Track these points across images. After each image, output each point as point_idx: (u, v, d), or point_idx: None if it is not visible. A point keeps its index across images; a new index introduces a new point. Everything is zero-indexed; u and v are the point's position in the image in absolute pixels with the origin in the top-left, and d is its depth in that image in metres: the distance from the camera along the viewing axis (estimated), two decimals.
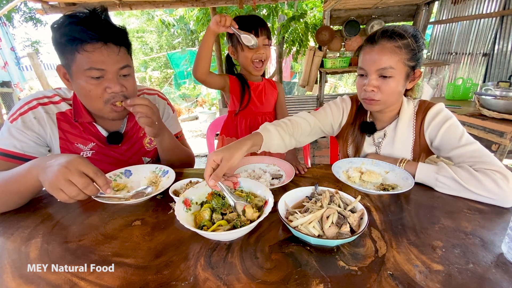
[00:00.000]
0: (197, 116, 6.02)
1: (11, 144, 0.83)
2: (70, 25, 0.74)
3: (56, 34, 0.76)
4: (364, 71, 0.89)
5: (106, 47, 0.77)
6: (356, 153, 1.07)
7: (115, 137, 0.96)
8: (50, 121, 0.89)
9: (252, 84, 1.35)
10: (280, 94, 1.45)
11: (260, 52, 1.22)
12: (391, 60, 0.83)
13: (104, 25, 0.77)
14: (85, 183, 0.61)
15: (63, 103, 0.92)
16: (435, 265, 0.52)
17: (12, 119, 0.85)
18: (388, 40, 0.83)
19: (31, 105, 0.87)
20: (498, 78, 2.78)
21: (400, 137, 0.97)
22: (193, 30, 7.29)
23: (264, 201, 0.69)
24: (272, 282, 0.50)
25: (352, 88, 7.69)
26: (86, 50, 0.75)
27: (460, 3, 3.12)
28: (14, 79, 4.43)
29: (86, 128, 0.94)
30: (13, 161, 0.83)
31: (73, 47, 0.75)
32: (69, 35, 0.74)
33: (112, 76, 0.80)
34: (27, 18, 10.49)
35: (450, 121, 0.88)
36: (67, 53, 0.77)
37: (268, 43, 1.24)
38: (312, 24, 4.41)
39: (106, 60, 0.78)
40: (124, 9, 3.07)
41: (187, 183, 0.83)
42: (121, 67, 0.82)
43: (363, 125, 1.03)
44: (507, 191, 0.71)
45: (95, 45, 0.76)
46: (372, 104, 0.91)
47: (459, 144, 0.84)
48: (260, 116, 1.39)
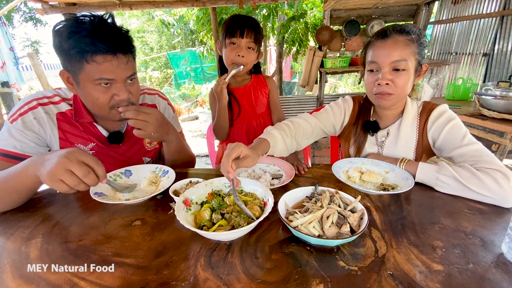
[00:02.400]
0: (197, 116, 6.02)
1: (11, 145, 0.83)
2: (78, 35, 0.72)
3: (61, 41, 0.74)
4: (377, 65, 0.89)
5: (116, 58, 0.77)
6: (358, 153, 1.07)
7: (115, 137, 0.96)
8: (50, 122, 0.89)
9: (238, 90, 1.30)
10: (272, 91, 1.37)
11: (240, 54, 1.14)
12: (404, 52, 0.85)
13: (113, 34, 0.75)
14: (85, 172, 0.62)
15: (63, 103, 0.92)
16: (435, 265, 0.52)
17: (12, 120, 0.85)
18: (400, 34, 0.86)
19: (31, 106, 0.87)
20: (498, 78, 2.77)
21: (403, 136, 0.97)
22: (193, 30, 7.28)
23: (264, 202, 0.69)
24: (272, 282, 0.50)
25: (352, 88, 7.68)
26: (96, 61, 0.74)
27: (460, 3, 3.12)
28: (12, 79, 4.42)
29: (87, 128, 0.94)
30: (13, 162, 0.82)
31: (81, 57, 0.73)
32: (78, 46, 0.72)
33: (121, 84, 0.81)
34: (27, 18, 10.49)
35: (453, 122, 0.89)
36: (74, 61, 0.75)
37: (253, 47, 1.16)
38: (312, 24, 4.40)
39: (116, 70, 0.77)
40: (124, 9, 3.07)
41: (187, 183, 0.83)
42: (129, 76, 0.82)
43: (366, 124, 1.03)
44: (508, 190, 0.71)
45: (105, 56, 0.75)
46: (385, 98, 0.90)
47: (462, 144, 0.85)
48: (255, 120, 1.36)
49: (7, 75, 4.36)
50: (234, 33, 1.13)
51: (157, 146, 1.12)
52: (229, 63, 1.19)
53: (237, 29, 1.12)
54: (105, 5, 3.11)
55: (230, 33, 1.14)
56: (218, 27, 3.73)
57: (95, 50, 0.73)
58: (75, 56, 0.74)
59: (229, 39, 1.15)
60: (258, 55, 1.25)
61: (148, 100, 1.09)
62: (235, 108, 1.31)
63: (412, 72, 0.88)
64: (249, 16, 1.19)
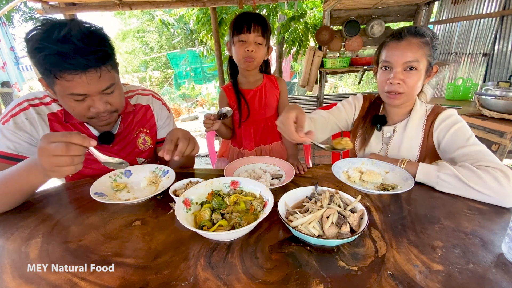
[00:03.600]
0: (197, 116, 6.02)
1: (4, 145, 0.83)
2: (44, 52, 0.68)
3: (31, 53, 0.71)
4: (390, 64, 0.93)
5: (85, 74, 0.72)
6: (363, 146, 1.10)
7: (106, 137, 0.95)
8: (41, 122, 0.89)
9: (249, 92, 1.28)
10: (282, 93, 1.34)
11: (249, 49, 1.14)
12: (417, 53, 0.89)
13: (81, 50, 0.69)
14: (64, 148, 0.62)
15: (54, 104, 0.92)
16: (435, 265, 0.52)
17: (4, 121, 0.85)
18: (414, 36, 0.90)
19: (22, 107, 0.87)
20: (498, 78, 2.77)
21: (409, 134, 1.00)
22: (193, 30, 7.29)
23: (264, 202, 0.69)
24: (272, 282, 0.50)
25: (352, 88, 7.68)
26: (65, 79, 0.71)
27: (460, 3, 3.11)
28: (13, 79, 4.42)
29: (78, 128, 0.93)
30: (7, 162, 0.83)
31: (50, 73, 0.71)
32: (46, 63, 0.70)
33: (96, 97, 0.78)
34: (27, 18, 10.48)
35: (459, 124, 0.92)
36: (45, 75, 0.74)
37: (261, 41, 1.16)
38: (312, 24, 4.41)
39: (87, 86, 0.74)
40: (124, 9, 3.07)
41: (187, 183, 0.83)
42: (104, 89, 0.78)
43: (375, 118, 1.08)
44: (508, 189, 0.71)
45: (73, 74, 0.71)
46: (396, 97, 0.95)
47: (466, 144, 0.87)
48: (263, 123, 1.35)
49: (8, 75, 4.36)
50: (241, 30, 1.13)
51: (151, 146, 1.11)
52: (239, 59, 1.19)
53: (243, 25, 1.12)
54: (105, 5, 3.11)
55: (238, 31, 1.14)
56: (218, 27, 3.73)
57: (61, 68, 0.69)
58: (45, 71, 0.72)
59: (237, 37, 1.15)
60: (267, 50, 1.25)
61: (142, 100, 1.09)
62: (244, 111, 1.28)
63: (423, 73, 0.92)
64: (255, 13, 1.19)
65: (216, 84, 7.51)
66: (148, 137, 1.10)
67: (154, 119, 1.11)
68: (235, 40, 1.16)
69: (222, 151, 1.53)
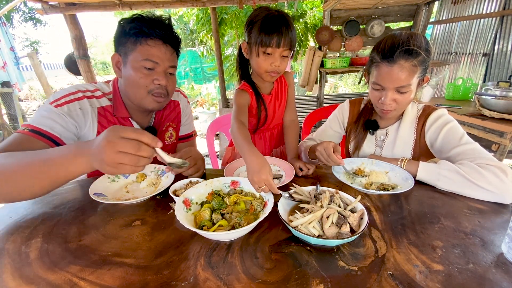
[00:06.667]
0: (197, 116, 6.01)
1: (48, 125, 0.81)
2: (140, 21, 0.85)
3: (124, 25, 0.86)
4: (381, 86, 0.91)
5: (164, 46, 0.88)
6: (356, 150, 1.12)
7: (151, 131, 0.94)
8: (92, 115, 0.90)
9: (266, 98, 1.18)
10: (290, 86, 1.24)
11: (276, 64, 1.01)
12: (409, 78, 0.85)
13: (168, 30, 0.89)
14: (135, 146, 0.57)
15: (104, 98, 0.94)
16: (435, 265, 0.52)
17: (57, 105, 0.84)
18: (406, 60, 0.84)
19: (78, 96, 0.89)
20: (498, 78, 2.77)
21: (402, 136, 1.01)
22: (193, 29, 7.29)
23: (264, 202, 0.69)
24: (272, 282, 0.50)
25: (352, 88, 7.68)
26: (148, 44, 0.85)
27: (460, 3, 3.12)
28: (13, 79, 4.41)
29: (123, 124, 0.96)
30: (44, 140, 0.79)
31: (137, 39, 0.85)
32: (138, 28, 0.84)
33: (162, 71, 0.89)
34: (27, 18, 10.48)
35: (450, 124, 0.92)
36: (129, 43, 0.86)
37: (288, 54, 1.03)
38: (312, 24, 4.41)
39: (162, 56, 0.87)
40: (124, 9, 3.07)
41: (187, 183, 0.83)
42: (171, 66, 0.91)
43: (367, 123, 1.08)
44: (508, 183, 0.73)
45: (156, 42, 0.86)
46: (389, 113, 0.96)
47: (460, 143, 0.87)
48: (276, 129, 1.30)
49: (8, 75, 4.35)
50: (269, 43, 0.96)
51: (174, 141, 1.15)
52: (262, 72, 1.05)
53: (273, 38, 0.96)
54: (105, 5, 3.11)
55: (264, 44, 0.97)
56: (218, 27, 3.73)
57: (149, 34, 0.85)
58: (132, 37, 0.85)
59: (263, 48, 0.99)
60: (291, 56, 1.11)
61: (173, 96, 1.11)
62: (262, 116, 1.19)
63: (415, 88, 0.90)
64: (283, 16, 0.98)
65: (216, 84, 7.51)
66: (174, 131, 1.14)
67: (180, 115, 1.16)
68: (259, 50, 1.00)
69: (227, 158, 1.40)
